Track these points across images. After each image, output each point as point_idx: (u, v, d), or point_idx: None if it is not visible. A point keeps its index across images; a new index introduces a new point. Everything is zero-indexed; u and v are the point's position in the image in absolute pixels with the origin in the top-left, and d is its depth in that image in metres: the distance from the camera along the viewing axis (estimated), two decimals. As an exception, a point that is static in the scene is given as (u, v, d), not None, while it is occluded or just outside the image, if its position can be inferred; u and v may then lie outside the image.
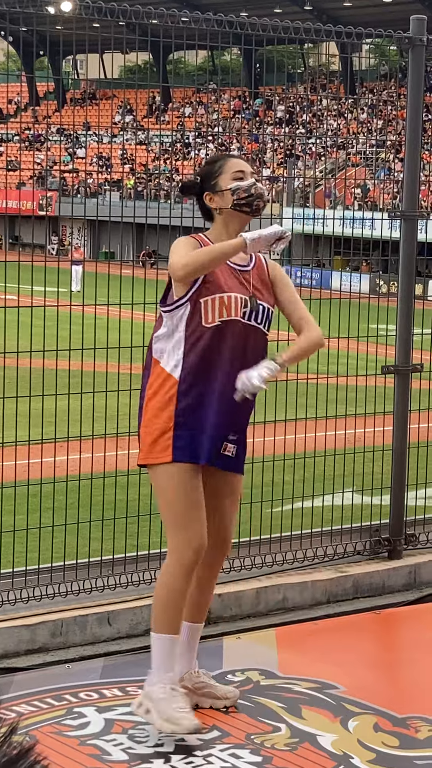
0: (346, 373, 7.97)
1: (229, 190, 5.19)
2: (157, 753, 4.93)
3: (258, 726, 5.23)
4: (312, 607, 7.08)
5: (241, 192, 5.19)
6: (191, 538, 5.07)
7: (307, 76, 22.97)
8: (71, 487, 6.89)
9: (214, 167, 5.27)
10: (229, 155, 5.38)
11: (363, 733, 5.19)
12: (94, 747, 4.99)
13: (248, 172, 5.27)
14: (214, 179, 5.24)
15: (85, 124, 12.29)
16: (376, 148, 16.91)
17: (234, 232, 5.22)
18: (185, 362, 5.08)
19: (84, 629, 6.33)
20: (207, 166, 5.34)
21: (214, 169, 5.26)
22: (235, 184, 5.19)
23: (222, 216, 5.23)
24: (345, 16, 48.21)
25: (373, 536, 7.61)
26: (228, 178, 5.22)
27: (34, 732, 5.06)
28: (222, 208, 5.22)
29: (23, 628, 6.18)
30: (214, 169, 5.26)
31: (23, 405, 6.55)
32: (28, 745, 1.49)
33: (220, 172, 5.23)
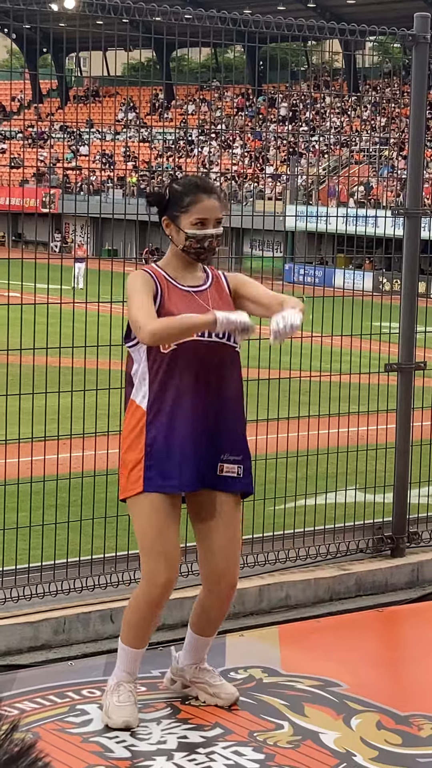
0: (350, 371, 7.96)
1: (185, 234, 5.11)
2: (160, 750, 4.93)
3: (261, 723, 5.23)
4: (315, 604, 7.08)
5: (194, 242, 5.11)
6: (158, 571, 5.08)
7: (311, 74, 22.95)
8: (74, 485, 6.89)
9: (184, 201, 5.12)
10: (204, 190, 5.16)
11: (366, 731, 5.19)
12: (97, 744, 4.99)
13: (212, 219, 5.12)
14: (177, 212, 5.13)
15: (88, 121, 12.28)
16: (380, 145, 16.91)
17: (184, 265, 5.18)
18: (150, 391, 5.07)
19: (87, 626, 6.33)
20: (180, 191, 5.16)
21: (183, 203, 5.12)
22: (192, 232, 5.09)
23: (174, 247, 5.18)
24: (348, 14, 48.22)
25: (376, 534, 7.61)
26: (190, 222, 5.10)
27: (36, 729, 5.06)
28: (173, 241, 5.17)
29: (26, 625, 6.18)
30: (183, 203, 5.12)
31: (26, 402, 6.55)
32: (29, 742, 1.49)
33: (186, 211, 5.11)
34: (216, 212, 5.15)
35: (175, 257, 5.21)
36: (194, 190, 5.14)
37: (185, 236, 5.10)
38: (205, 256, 5.18)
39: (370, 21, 8.62)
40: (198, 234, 5.10)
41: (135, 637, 5.20)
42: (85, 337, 6.73)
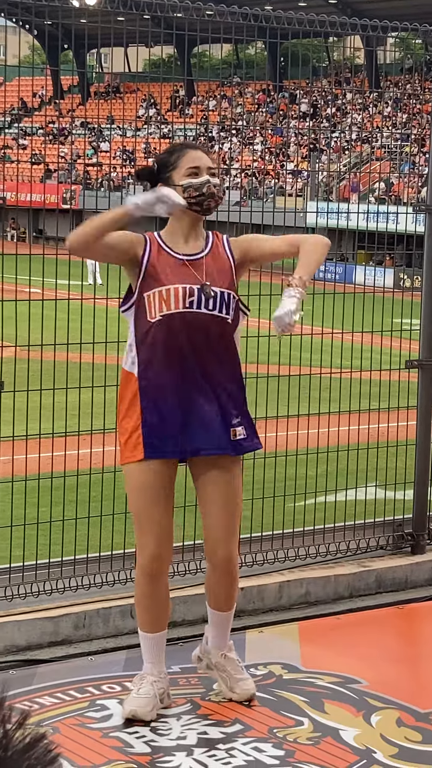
0: (370, 367, 7.95)
1: (180, 187, 5.07)
2: (180, 746, 4.93)
3: (280, 720, 5.22)
4: (335, 601, 7.07)
5: (192, 191, 5.07)
6: (146, 543, 5.10)
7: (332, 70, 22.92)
8: (95, 480, 6.90)
9: (170, 158, 5.13)
10: (187, 145, 5.24)
11: (386, 728, 5.18)
12: (117, 739, 5.00)
13: (204, 167, 5.12)
14: (168, 172, 5.11)
15: (109, 117, 12.31)
16: (401, 141, 16.86)
17: (187, 229, 5.15)
18: (139, 358, 5.06)
19: (107, 622, 6.35)
20: (164, 155, 5.19)
21: (170, 161, 5.12)
22: (187, 181, 5.06)
23: (175, 216, 5.14)
24: (369, 10, 48.11)
25: (396, 531, 7.59)
26: (182, 173, 5.08)
27: (56, 724, 5.07)
28: None
29: (47, 620, 6.20)
30: (170, 161, 5.12)
31: (47, 398, 6.56)
32: (39, 733, 1.50)
33: (175, 166, 5.10)
34: (206, 161, 5.15)
35: (176, 222, 5.15)
36: (178, 147, 5.19)
37: (182, 189, 5.06)
38: (208, 204, 5.11)
39: (391, 17, 8.60)
40: (194, 182, 5.07)
41: (146, 621, 5.20)
42: (106, 332, 6.73)
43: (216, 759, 4.83)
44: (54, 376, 6.46)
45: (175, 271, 5.08)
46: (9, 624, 6.12)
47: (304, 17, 7.37)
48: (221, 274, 5.14)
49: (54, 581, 6.37)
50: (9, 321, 6.34)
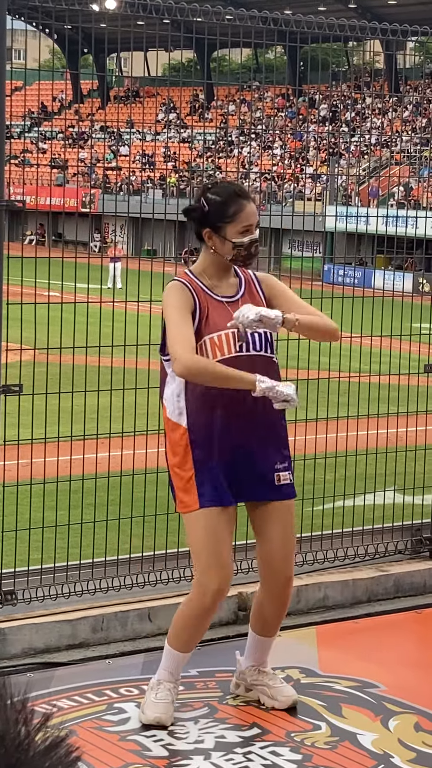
0: (389, 371, 7.94)
1: (232, 243, 5.08)
2: (197, 750, 4.93)
3: (298, 724, 5.22)
4: (353, 605, 7.06)
5: (242, 250, 5.09)
6: (210, 581, 5.11)
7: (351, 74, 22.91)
8: (113, 483, 6.91)
9: (228, 211, 5.08)
10: (242, 196, 5.16)
11: (403, 733, 5.17)
12: (135, 743, 5.00)
13: (254, 225, 5.13)
14: (221, 222, 5.08)
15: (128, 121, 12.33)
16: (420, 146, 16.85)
17: (219, 273, 5.16)
18: (188, 409, 5.06)
19: (125, 625, 6.35)
20: (220, 204, 5.10)
21: (228, 213, 5.08)
22: (239, 240, 5.07)
23: (213, 256, 5.14)
24: (389, 14, 48.08)
25: (414, 535, 7.58)
26: (236, 230, 5.07)
27: (74, 727, 5.08)
28: (217, 252, 5.13)
29: (65, 623, 6.21)
30: (228, 213, 5.08)
31: (66, 401, 6.57)
32: (61, 734, 1.50)
33: (232, 220, 5.07)
34: (256, 217, 5.17)
35: (212, 265, 5.17)
36: (236, 199, 5.12)
37: (232, 245, 5.08)
38: (250, 262, 5.19)
39: (411, 21, 8.58)
40: (245, 242, 5.09)
41: (184, 643, 5.24)
42: (125, 336, 6.74)
43: (233, 763, 4.82)
44: (73, 380, 6.47)
45: (221, 315, 5.09)
46: (27, 627, 6.13)
47: (323, 21, 7.37)
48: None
49: (72, 584, 6.38)
50: (28, 324, 6.35)
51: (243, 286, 5.22)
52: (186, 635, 5.22)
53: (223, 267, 5.18)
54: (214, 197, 5.13)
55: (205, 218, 5.12)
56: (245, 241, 5.08)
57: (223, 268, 5.19)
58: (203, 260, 5.20)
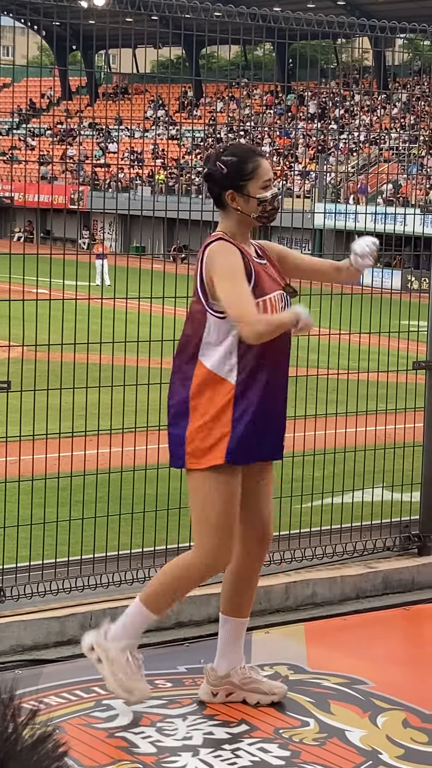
0: (377, 369, 7.95)
1: (256, 200, 5.11)
2: (186, 746, 4.94)
3: (286, 720, 5.23)
4: (341, 602, 7.07)
5: (267, 205, 5.13)
6: (220, 545, 5.10)
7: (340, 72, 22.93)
8: (101, 481, 6.90)
9: (247, 167, 5.11)
10: (257, 153, 5.26)
11: (392, 729, 5.18)
12: (123, 739, 5.00)
13: (272, 180, 5.21)
14: (243, 181, 5.10)
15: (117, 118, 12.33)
16: (409, 143, 16.86)
17: (244, 237, 5.19)
18: (240, 366, 5.04)
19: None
20: (238, 163, 5.13)
21: (247, 170, 5.10)
22: (263, 195, 5.11)
23: (238, 216, 5.14)
24: (378, 11, 48.13)
25: (402, 532, 7.59)
26: (258, 186, 5.10)
27: (62, 724, 5.08)
28: (243, 211, 5.13)
29: (53, 620, 6.20)
30: (247, 170, 5.10)
31: (54, 398, 6.57)
32: (48, 730, 1.51)
33: (252, 176, 5.10)
34: (272, 172, 5.24)
35: (238, 228, 5.16)
36: (252, 156, 5.18)
37: (257, 201, 5.11)
38: (275, 216, 5.24)
39: (399, 18, 8.59)
40: (268, 196, 5.13)
41: (161, 606, 5.23)
42: (113, 333, 6.74)
43: (222, 759, 4.83)
44: (61, 377, 6.47)
45: (266, 277, 5.14)
46: (15, 624, 6.13)
47: (312, 18, 7.37)
48: (278, 274, 5.28)
49: (60, 581, 6.38)
50: (16, 321, 6.35)
51: (260, 251, 5.27)
52: (171, 599, 5.22)
53: (246, 230, 5.21)
54: (230, 158, 5.15)
55: (226, 180, 5.13)
56: (268, 195, 5.13)
57: (246, 231, 5.22)
58: (229, 225, 5.17)
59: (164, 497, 7.00)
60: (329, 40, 37.52)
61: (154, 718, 5.21)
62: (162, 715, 5.22)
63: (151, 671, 5.70)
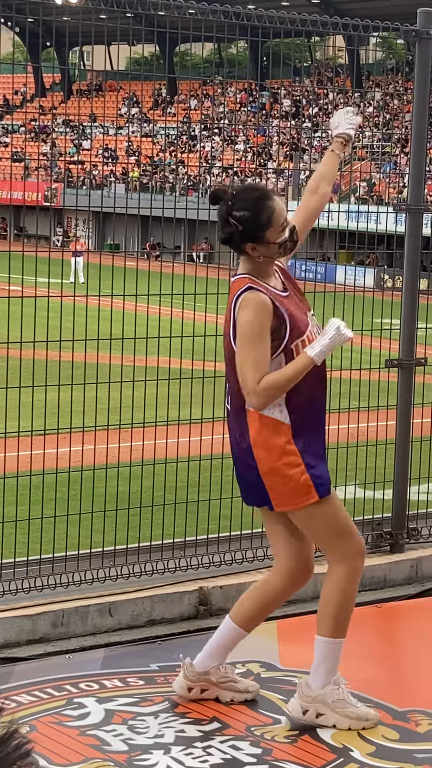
0: (350, 366, 7.96)
1: (277, 245, 5.07)
2: (157, 744, 4.93)
3: (258, 718, 5.23)
4: (313, 599, 7.05)
5: (288, 242, 5.11)
6: (357, 542, 5.25)
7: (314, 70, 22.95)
8: (73, 478, 6.89)
9: (262, 219, 5.03)
10: (268, 197, 5.11)
11: (363, 727, 5.18)
12: (94, 737, 4.99)
13: (286, 217, 5.13)
14: (261, 231, 5.04)
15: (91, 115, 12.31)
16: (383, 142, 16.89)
17: (268, 270, 5.15)
18: (290, 405, 5.06)
19: (85, 620, 6.34)
20: (253, 217, 5.03)
21: (263, 221, 5.02)
22: (282, 238, 5.07)
23: (264, 261, 5.12)
24: (352, 10, 48.16)
25: (375, 530, 7.61)
26: (276, 232, 5.05)
27: (33, 722, 5.07)
28: (265, 256, 5.10)
29: (24, 618, 6.19)
30: (263, 221, 5.02)
31: (26, 396, 6.55)
32: (12, 728, 1.50)
33: (270, 225, 5.04)
34: (285, 209, 5.19)
35: (264, 266, 5.13)
36: (264, 203, 5.07)
37: (278, 245, 5.08)
38: (296, 246, 5.22)
39: (373, 17, 8.61)
40: (287, 236, 5.09)
41: (344, 626, 5.31)
42: (86, 331, 6.72)
43: (193, 757, 4.83)
44: (33, 374, 6.45)
45: (296, 313, 5.12)
46: (-13, 622, 6.11)
47: (286, 16, 7.37)
48: (297, 290, 5.27)
49: (32, 579, 6.36)
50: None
51: (280, 275, 5.25)
52: (347, 614, 5.31)
53: (270, 266, 5.18)
54: (242, 213, 5.05)
55: (243, 236, 5.07)
56: (287, 235, 5.09)
57: (270, 266, 5.18)
58: (253, 266, 5.14)
59: (136, 495, 6.99)
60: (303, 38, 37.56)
61: (126, 716, 5.20)
62: (133, 713, 5.22)
63: (123, 669, 5.70)
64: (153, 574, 6.62)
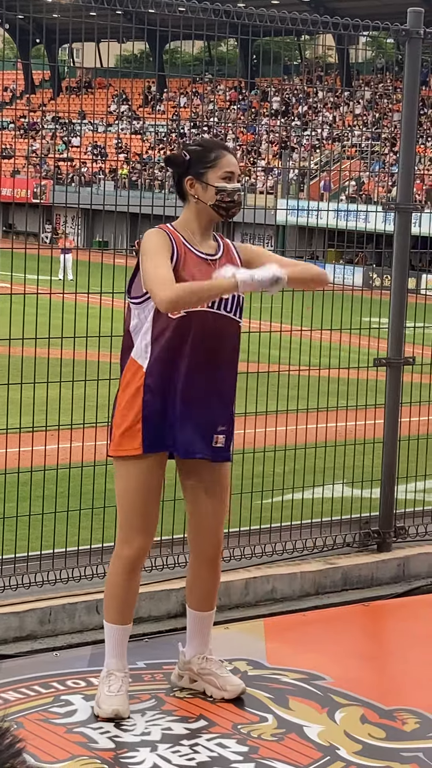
0: (338, 365, 7.97)
1: (214, 188, 5.10)
2: (144, 741, 4.94)
3: (245, 716, 5.23)
4: (301, 598, 7.09)
5: (225, 195, 5.10)
6: (134, 537, 5.14)
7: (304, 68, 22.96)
8: (61, 476, 6.89)
9: (209, 155, 5.13)
10: (224, 147, 5.25)
11: (350, 725, 5.20)
12: (81, 735, 4.99)
13: (236, 174, 5.18)
14: (203, 168, 5.12)
15: (80, 112, 12.30)
16: (372, 141, 16.91)
17: (203, 226, 5.16)
18: (152, 352, 5.04)
19: (72, 617, 6.34)
20: (202, 150, 5.17)
21: (209, 158, 5.13)
22: (222, 185, 5.09)
23: (197, 206, 5.15)
24: (342, 8, 48.16)
25: (362, 528, 7.62)
26: (218, 175, 5.10)
27: (20, 719, 5.07)
28: (200, 199, 5.13)
29: (11, 615, 6.18)
30: (209, 158, 5.13)
31: (14, 393, 6.54)
32: (3, 727, 1.50)
33: (213, 165, 5.11)
34: (238, 168, 5.21)
35: (196, 219, 5.16)
36: (217, 146, 5.20)
37: (215, 190, 5.09)
38: (234, 211, 5.18)
39: (363, 16, 8.62)
40: (228, 187, 5.10)
41: (117, 611, 5.21)
42: (74, 328, 6.72)
43: (180, 755, 4.83)
44: (22, 371, 6.44)
45: (199, 269, 5.08)
46: (-26, 619, 6.10)
47: (276, 15, 7.37)
48: None
49: (19, 576, 6.36)
50: (-23, 315, 6.31)
51: (222, 248, 5.23)
52: (119, 603, 5.20)
53: (205, 223, 5.17)
54: (195, 147, 5.21)
55: (187, 166, 5.15)
56: (228, 186, 5.10)
57: (205, 224, 5.17)
58: (186, 215, 5.19)
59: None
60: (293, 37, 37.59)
61: (113, 713, 5.20)
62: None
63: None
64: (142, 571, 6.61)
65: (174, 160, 5.20)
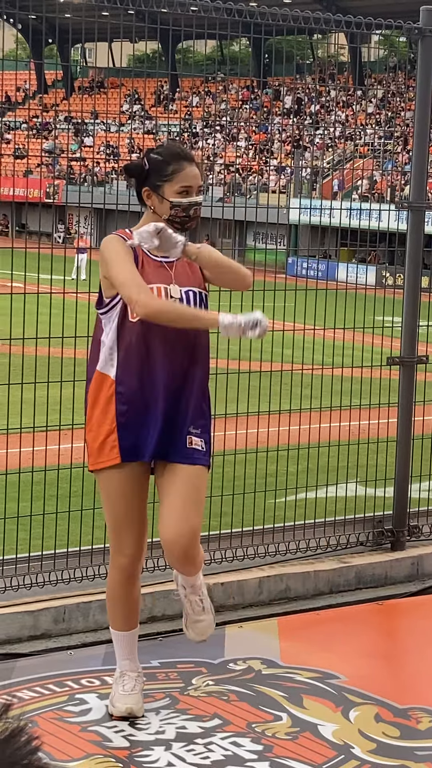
0: (352, 364, 7.97)
1: (169, 203, 5.04)
2: (158, 740, 4.94)
3: (259, 715, 5.24)
4: (314, 597, 7.09)
5: (180, 210, 5.04)
6: (125, 546, 5.11)
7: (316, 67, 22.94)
8: (75, 475, 6.89)
9: (167, 168, 5.05)
10: (184, 158, 5.11)
11: (364, 724, 5.20)
12: (96, 733, 5.00)
13: (195, 186, 5.09)
14: (159, 181, 5.05)
15: (92, 112, 12.30)
16: (384, 139, 16.89)
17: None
18: (119, 360, 5.00)
19: (86, 616, 6.35)
20: (161, 162, 5.07)
21: (166, 171, 5.05)
22: (177, 200, 5.03)
23: (153, 216, 5.09)
24: (354, 7, 48.12)
25: (376, 527, 7.61)
26: (174, 189, 5.03)
27: (35, 718, 5.08)
28: (155, 211, 5.08)
29: (26, 614, 6.20)
30: (166, 171, 5.05)
31: (28, 392, 6.55)
32: (21, 724, 1.51)
33: (170, 179, 5.04)
34: (198, 180, 5.13)
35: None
36: (177, 158, 5.09)
37: (170, 205, 5.03)
38: (189, 225, 5.13)
39: (375, 14, 8.61)
40: (183, 202, 5.04)
41: (120, 619, 5.20)
42: (88, 327, 6.71)
43: (194, 753, 4.84)
44: (35, 371, 6.45)
45: (156, 273, 5.04)
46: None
47: (288, 14, 7.37)
48: (194, 275, 5.13)
49: (34, 575, 6.37)
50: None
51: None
52: (121, 611, 5.18)
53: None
54: (156, 156, 5.12)
55: (145, 177, 5.10)
56: (183, 201, 5.04)
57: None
58: (144, 221, 5.13)
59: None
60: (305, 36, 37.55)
61: (127, 712, 5.20)
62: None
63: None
64: (154, 571, 6.62)
65: (132, 170, 5.15)
